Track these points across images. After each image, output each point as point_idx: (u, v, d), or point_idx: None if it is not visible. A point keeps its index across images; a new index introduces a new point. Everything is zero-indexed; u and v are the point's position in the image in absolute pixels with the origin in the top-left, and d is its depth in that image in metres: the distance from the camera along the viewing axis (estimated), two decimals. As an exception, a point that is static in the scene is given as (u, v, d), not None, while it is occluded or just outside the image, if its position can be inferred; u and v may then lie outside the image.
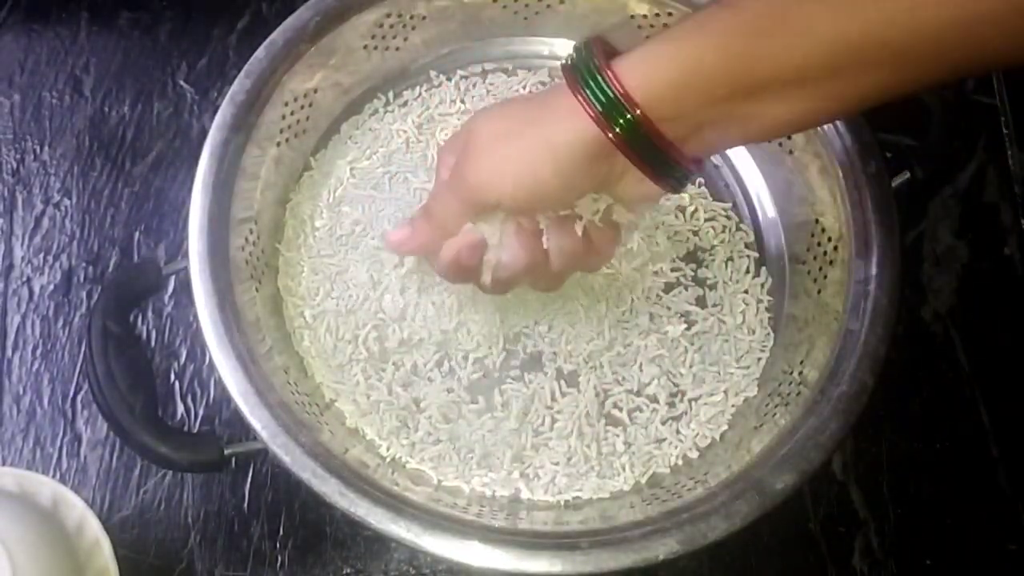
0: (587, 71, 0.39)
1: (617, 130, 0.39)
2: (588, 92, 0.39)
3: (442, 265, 0.46)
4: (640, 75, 0.38)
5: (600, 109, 0.38)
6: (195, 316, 0.48)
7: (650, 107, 0.38)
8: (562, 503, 0.51)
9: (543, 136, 0.40)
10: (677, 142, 0.39)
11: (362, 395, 0.53)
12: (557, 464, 0.52)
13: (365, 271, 0.55)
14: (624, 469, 0.52)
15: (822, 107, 0.39)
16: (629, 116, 0.38)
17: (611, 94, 0.38)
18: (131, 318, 0.54)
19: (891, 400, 0.56)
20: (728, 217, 0.58)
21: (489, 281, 0.46)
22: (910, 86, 0.38)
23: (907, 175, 0.52)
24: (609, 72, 0.38)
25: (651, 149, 0.39)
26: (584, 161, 0.40)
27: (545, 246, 0.44)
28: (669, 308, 0.55)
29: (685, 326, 0.55)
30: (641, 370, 0.54)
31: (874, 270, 0.49)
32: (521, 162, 0.41)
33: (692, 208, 0.58)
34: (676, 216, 0.58)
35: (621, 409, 0.53)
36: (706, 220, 0.58)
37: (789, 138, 0.55)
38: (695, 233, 0.58)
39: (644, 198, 0.43)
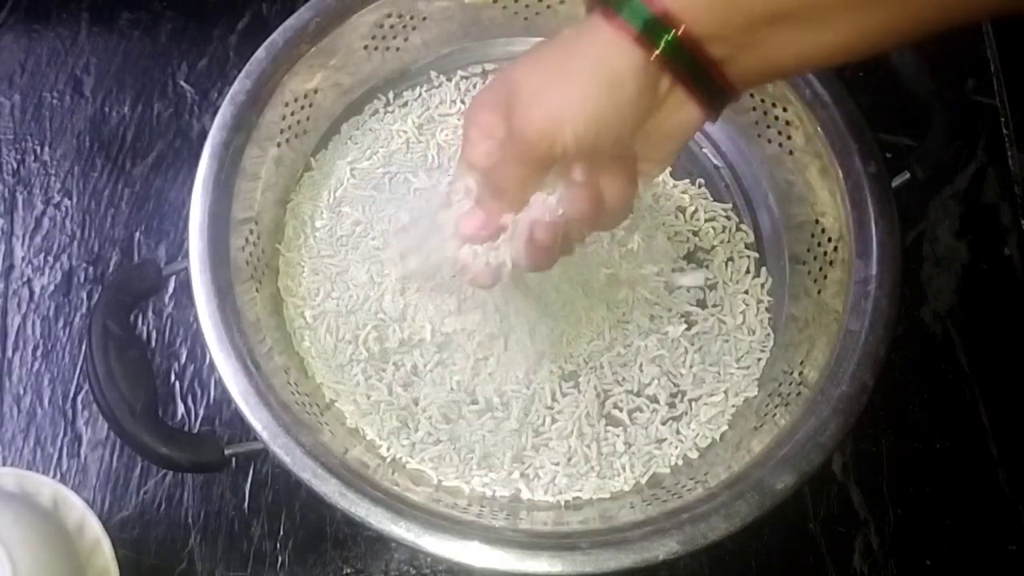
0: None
1: (659, 51, 0.38)
2: (626, 15, 0.38)
3: (518, 251, 0.43)
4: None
5: (640, 29, 0.38)
6: (195, 316, 0.48)
7: (692, 24, 0.38)
8: (562, 503, 0.51)
9: (595, 73, 0.39)
10: (719, 60, 0.39)
11: (362, 395, 0.53)
12: (557, 464, 0.52)
13: (365, 272, 0.55)
14: (624, 469, 0.52)
15: (846, 41, 0.38)
16: (671, 35, 0.38)
17: (649, 14, 0.38)
18: (131, 318, 0.54)
19: (891, 400, 0.56)
20: (728, 218, 0.58)
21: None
22: (915, 25, 0.38)
23: (907, 175, 0.52)
24: None
25: (696, 67, 0.39)
26: (637, 90, 0.39)
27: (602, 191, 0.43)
28: (669, 309, 0.55)
29: (685, 326, 0.55)
30: (641, 370, 0.54)
31: (874, 270, 0.49)
32: (580, 104, 0.39)
33: (692, 209, 0.58)
34: (676, 216, 0.58)
35: (621, 409, 0.54)
36: (706, 220, 0.58)
37: (789, 138, 0.55)
38: (695, 234, 0.58)
39: (677, 130, 0.42)
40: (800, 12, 0.37)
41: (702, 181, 0.59)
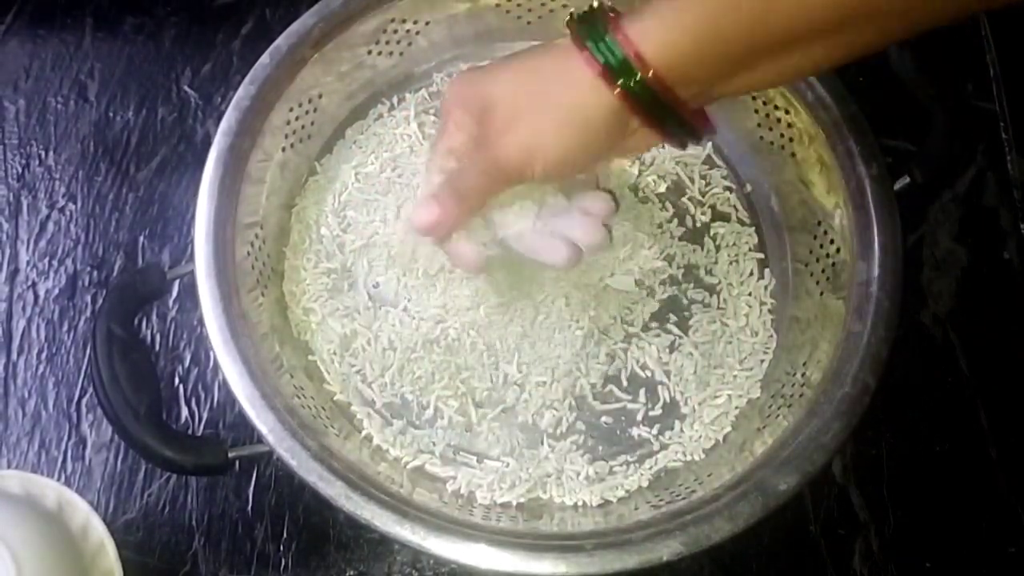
0: (594, 31, 0.40)
1: (622, 88, 0.39)
2: (597, 52, 0.39)
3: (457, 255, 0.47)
4: (655, 41, 0.39)
5: (604, 64, 0.39)
6: (200, 320, 0.48)
7: (663, 70, 0.39)
8: (567, 505, 0.51)
9: (569, 112, 0.40)
10: (688, 99, 0.40)
11: (368, 399, 0.53)
12: (563, 467, 0.52)
13: (371, 275, 0.55)
14: (628, 471, 0.52)
15: (819, 61, 0.39)
16: (639, 76, 0.39)
17: (620, 55, 0.39)
18: (135, 322, 0.54)
19: (891, 403, 0.56)
20: (731, 220, 0.58)
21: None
22: (885, 38, 0.39)
23: (907, 179, 0.53)
24: (619, 34, 0.39)
25: (661, 107, 0.40)
26: (607, 130, 0.41)
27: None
28: (673, 311, 0.56)
29: (689, 328, 0.55)
30: (645, 372, 0.54)
31: (876, 272, 0.50)
32: (552, 142, 0.41)
33: (696, 211, 0.58)
34: (680, 220, 0.58)
35: (625, 411, 0.54)
36: (710, 222, 0.58)
37: (791, 140, 0.56)
38: (699, 236, 0.58)
39: (642, 147, 0.46)
40: (774, 47, 0.38)
41: (704, 183, 0.59)
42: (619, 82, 0.39)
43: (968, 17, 0.63)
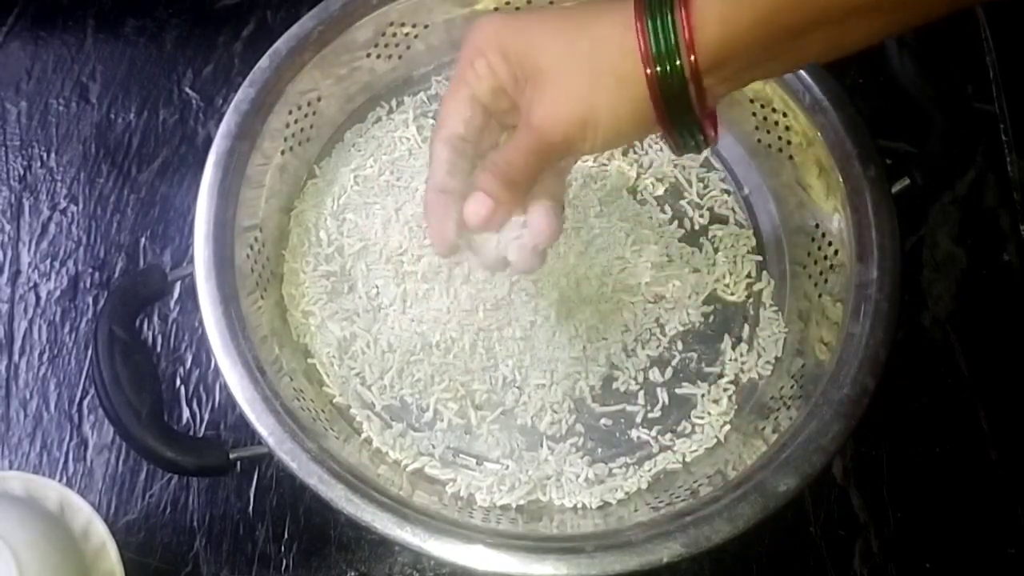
0: (659, 6, 0.36)
1: (659, 72, 0.36)
2: (652, 29, 0.36)
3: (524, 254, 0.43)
4: (715, 17, 0.36)
5: (656, 51, 0.36)
6: (200, 322, 0.48)
7: (709, 50, 0.36)
8: (567, 507, 0.51)
9: (621, 79, 0.37)
10: (713, 86, 0.37)
11: (368, 401, 0.54)
12: (562, 469, 0.52)
13: (370, 278, 0.56)
14: (628, 473, 0.52)
15: (864, 34, 0.37)
16: (679, 63, 0.36)
17: (674, 39, 0.36)
18: (137, 323, 0.54)
19: (891, 405, 0.56)
20: (729, 223, 0.58)
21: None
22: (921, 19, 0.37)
23: (907, 181, 0.52)
24: (682, 15, 0.36)
25: (682, 100, 0.37)
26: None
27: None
28: (671, 313, 0.56)
29: (688, 329, 0.55)
30: (644, 374, 0.54)
31: (875, 274, 0.50)
32: (605, 111, 0.38)
33: (694, 214, 0.59)
34: (679, 222, 0.58)
35: (625, 413, 0.54)
36: (708, 225, 0.58)
37: (789, 143, 0.56)
38: (696, 238, 0.58)
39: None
40: (832, 20, 0.36)
41: (702, 184, 0.59)
42: (657, 68, 0.36)
43: None
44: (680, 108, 0.38)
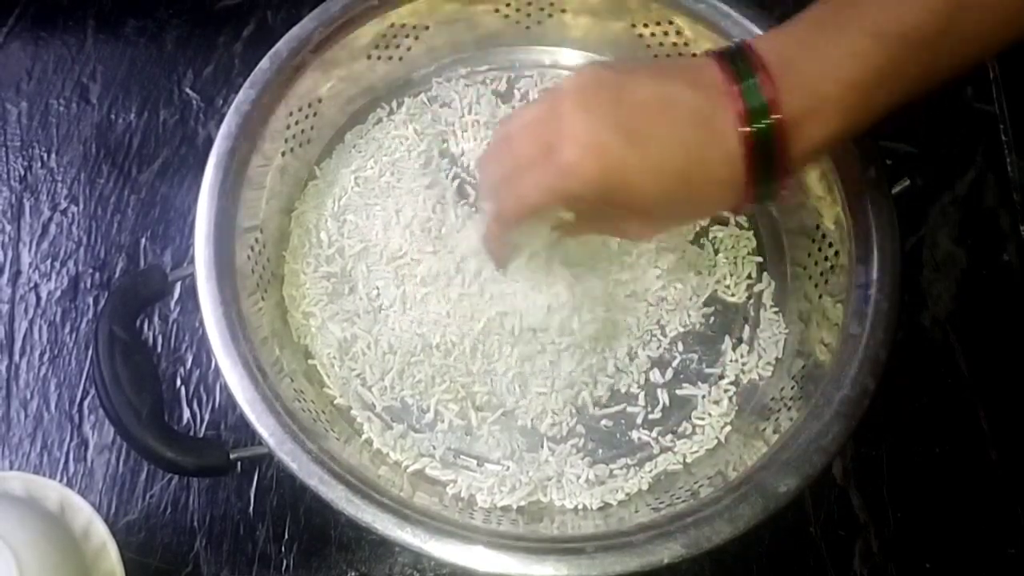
0: (744, 67, 0.37)
1: (754, 131, 0.37)
2: (745, 93, 0.37)
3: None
4: (806, 91, 0.37)
5: (749, 108, 0.37)
6: (201, 322, 0.48)
7: (797, 118, 0.37)
8: (568, 508, 0.51)
9: (718, 138, 0.38)
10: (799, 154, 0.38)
11: (369, 403, 0.54)
12: (563, 471, 0.52)
13: (371, 280, 0.56)
14: (629, 474, 0.52)
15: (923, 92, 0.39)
16: (770, 121, 0.37)
17: (763, 99, 0.37)
18: (137, 323, 0.54)
19: (891, 405, 0.56)
20: (730, 224, 0.58)
21: None
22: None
23: (907, 182, 0.52)
24: (762, 74, 0.37)
25: (770, 160, 0.38)
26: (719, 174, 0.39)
27: None
28: (672, 314, 0.56)
29: (689, 330, 0.55)
30: (645, 375, 0.55)
31: (875, 274, 0.49)
32: (689, 162, 0.38)
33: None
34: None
35: (625, 414, 0.54)
36: (708, 226, 0.58)
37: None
38: (697, 240, 0.58)
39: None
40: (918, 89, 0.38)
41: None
42: (752, 125, 0.37)
43: None
44: (768, 169, 0.39)
